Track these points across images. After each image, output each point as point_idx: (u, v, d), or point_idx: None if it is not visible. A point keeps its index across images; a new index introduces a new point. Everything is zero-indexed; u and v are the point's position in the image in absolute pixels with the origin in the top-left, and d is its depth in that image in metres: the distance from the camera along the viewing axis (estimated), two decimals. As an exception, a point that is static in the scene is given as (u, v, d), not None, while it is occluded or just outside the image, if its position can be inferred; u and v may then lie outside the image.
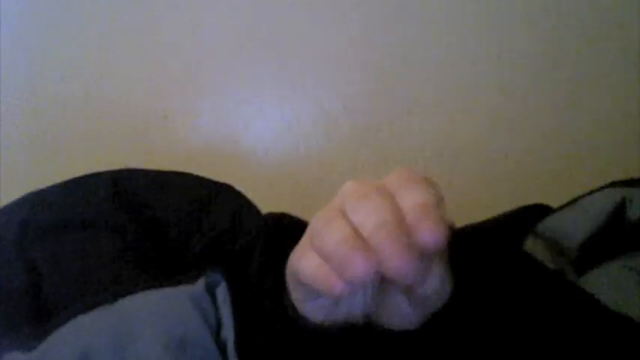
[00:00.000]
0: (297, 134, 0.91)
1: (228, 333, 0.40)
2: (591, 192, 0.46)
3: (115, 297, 0.41)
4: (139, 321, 0.39)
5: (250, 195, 0.58)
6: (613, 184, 0.45)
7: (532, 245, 0.46)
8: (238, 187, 0.58)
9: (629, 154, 0.83)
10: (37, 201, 0.53)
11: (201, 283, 0.42)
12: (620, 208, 0.43)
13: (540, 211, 0.49)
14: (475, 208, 0.78)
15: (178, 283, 0.42)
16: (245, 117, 0.92)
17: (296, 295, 0.35)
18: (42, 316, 0.43)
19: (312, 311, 0.35)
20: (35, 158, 0.92)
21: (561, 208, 0.47)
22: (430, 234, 0.29)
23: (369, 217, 0.30)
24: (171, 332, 0.39)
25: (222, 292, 0.41)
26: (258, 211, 0.55)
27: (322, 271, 0.30)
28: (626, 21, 0.85)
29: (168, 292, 0.42)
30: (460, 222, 0.83)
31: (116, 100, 0.92)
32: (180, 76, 0.92)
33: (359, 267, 0.28)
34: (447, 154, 0.87)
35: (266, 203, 0.55)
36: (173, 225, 0.51)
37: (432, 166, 0.87)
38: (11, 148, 0.91)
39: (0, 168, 0.89)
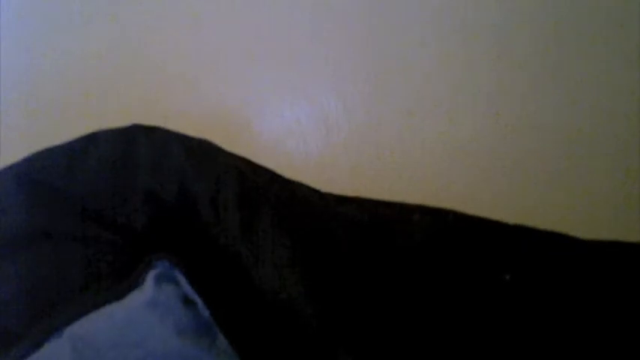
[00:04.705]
0: (297, 135, 0.91)
1: (203, 310, 0.39)
2: None
3: (63, 326, 0.38)
4: (95, 353, 0.37)
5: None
6: None
7: None
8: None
9: (629, 154, 0.83)
10: None
11: (150, 281, 0.39)
12: None
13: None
14: (475, 208, 0.78)
15: (127, 289, 0.39)
16: (245, 118, 0.92)
17: None
18: (4, 346, 0.39)
19: None
20: (35, 158, 0.92)
21: None
22: None
23: None
24: (130, 356, 0.36)
25: (178, 275, 0.40)
26: (189, 149, 0.50)
27: None
28: (626, 21, 0.85)
29: (117, 309, 0.38)
30: (460, 222, 0.83)
31: (116, 100, 0.92)
32: (180, 76, 0.92)
33: None
34: (447, 154, 0.87)
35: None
36: (97, 204, 0.46)
37: (432, 166, 0.87)
38: (11, 148, 0.91)
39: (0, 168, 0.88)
